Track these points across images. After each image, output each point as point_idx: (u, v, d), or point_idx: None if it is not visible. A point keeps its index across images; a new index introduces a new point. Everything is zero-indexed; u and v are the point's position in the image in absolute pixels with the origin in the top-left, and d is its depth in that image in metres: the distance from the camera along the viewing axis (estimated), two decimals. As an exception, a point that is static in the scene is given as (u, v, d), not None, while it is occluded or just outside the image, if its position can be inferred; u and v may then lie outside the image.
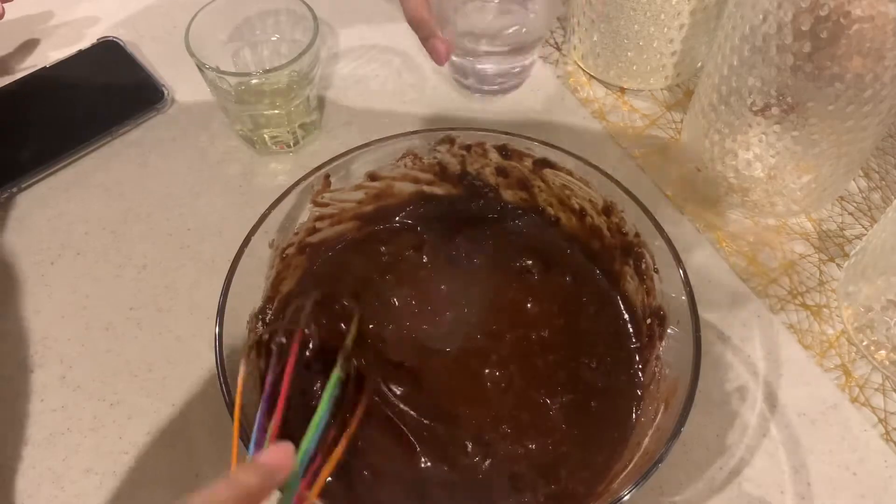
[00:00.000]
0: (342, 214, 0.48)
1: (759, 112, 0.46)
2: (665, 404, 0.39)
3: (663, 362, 0.42)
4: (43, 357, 0.49)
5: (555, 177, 0.46)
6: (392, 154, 0.47)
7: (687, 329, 0.39)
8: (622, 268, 0.46)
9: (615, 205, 0.44)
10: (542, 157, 0.46)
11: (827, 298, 0.51)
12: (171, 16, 0.68)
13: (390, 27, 0.65)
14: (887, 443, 0.45)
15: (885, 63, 0.40)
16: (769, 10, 0.41)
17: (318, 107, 0.59)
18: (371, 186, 0.48)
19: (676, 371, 0.39)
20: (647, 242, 0.43)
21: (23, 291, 0.51)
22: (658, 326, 0.43)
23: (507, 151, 0.47)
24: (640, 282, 0.45)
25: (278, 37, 0.57)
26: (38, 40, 0.66)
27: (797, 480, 0.44)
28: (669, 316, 0.42)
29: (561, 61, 0.64)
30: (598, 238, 0.47)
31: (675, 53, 0.58)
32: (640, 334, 0.44)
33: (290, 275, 0.47)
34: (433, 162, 0.48)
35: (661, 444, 0.35)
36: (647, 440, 0.38)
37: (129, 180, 0.57)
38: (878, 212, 0.55)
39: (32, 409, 0.46)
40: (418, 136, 0.47)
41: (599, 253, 0.47)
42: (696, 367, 0.37)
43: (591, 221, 0.46)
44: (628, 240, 0.44)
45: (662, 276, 0.43)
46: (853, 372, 0.48)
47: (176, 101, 0.62)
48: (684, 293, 0.40)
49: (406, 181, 0.49)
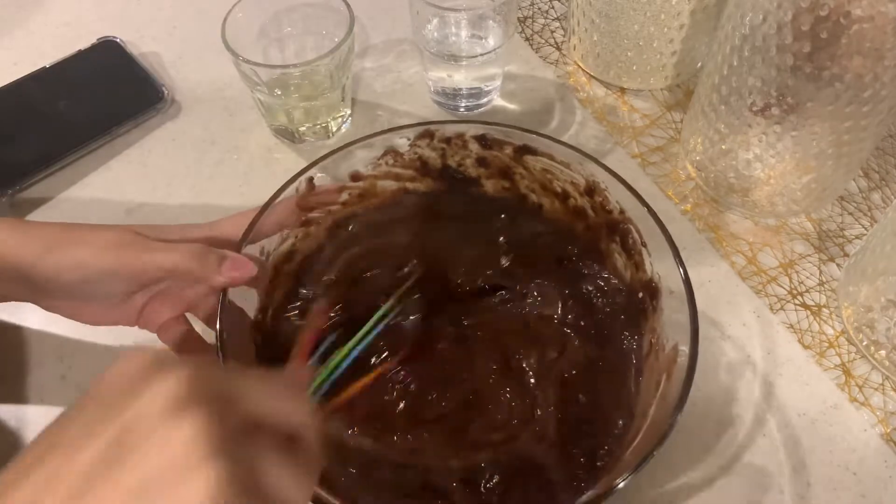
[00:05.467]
0: (327, 217, 0.48)
1: (759, 112, 0.46)
2: (667, 374, 0.39)
3: (659, 334, 0.42)
4: (43, 357, 0.49)
5: (536, 162, 0.46)
6: (374, 152, 0.47)
7: (681, 298, 0.39)
8: (609, 245, 0.46)
9: (598, 184, 0.44)
10: (522, 143, 0.46)
11: (827, 298, 0.51)
12: (171, 15, 0.68)
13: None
14: (887, 443, 0.45)
15: (885, 63, 0.40)
16: (769, 10, 0.41)
17: (349, 99, 0.60)
18: (354, 187, 0.48)
19: (674, 340, 0.39)
20: (633, 217, 0.43)
21: (23, 291, 0.51)
22: (651, 299, 0.43)
23: (486, 141, 0.47)
24: (627, 257, 0.45)
25: (305, 30, 0.58)
26: (39, 40, 0.66)
27: (797, 480, 0.44)
28: (661, 287, 0.42)
29: (561, 61, 0.64)
30: (583, 219, 0.47)
31: (675, 53, 0.58)
32: (633, 307, 0.44)
33: (282, 283, 0.46)
34: (413, 157, 0.48)
35: (668, 414, 0.35)
36: (653, 409, 0.38)
37: (129, 180, 0.57)
38: (878, 212, 0.55)
39: (32, 409, 0.46)
40: (397, 133, 0.46)
41: (584, 233, 0.47)
42: (695, 332, 0.37)
43: (574, 203, 0.47)
44: (613, 217, 0.44)
45: (651, 248, 0.42)
46: (853, 371, 0.48)
47: (176, 101, 0.62)
48: (675, 261, 0.40)
49: (388, 179, 0.49)
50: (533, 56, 0.65)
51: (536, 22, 0.67)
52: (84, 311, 0.41)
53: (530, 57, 0.65)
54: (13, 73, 0.62)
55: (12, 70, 0.62)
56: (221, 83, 0.62)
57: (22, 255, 0.37)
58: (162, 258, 0.38)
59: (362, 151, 0.46)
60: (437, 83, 0.60)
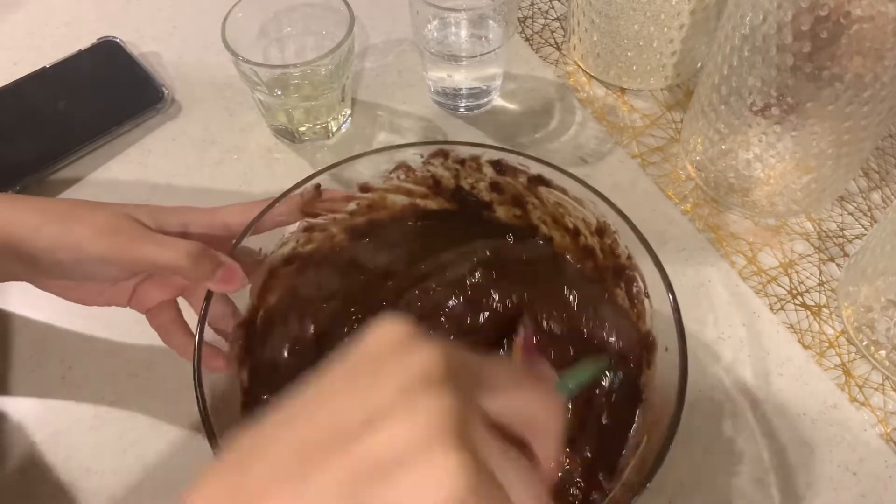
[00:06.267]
0: (333, 225, 0.47)
1: (759, 112, 0.46)
2: (648, 436, 0.38)
3: (650, 389, 0.41)
4: (43, 357, 0.49)
5: (549, 195, 0.45)
6: (385, 165, 0.46)
7: (675, 356, 0.37)
8: (614, 290, 0.45)
9: (608, 225, 0.43)
10: (537, 173, 0.45)
11: (827, 298, 0.51)
12: (171, 16, 0.68)
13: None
14: (887, 443, 0.45)
15: (885, 63, 0.40)
16: (769, 10, 0.41)
17: (349, 99, 0.60)
18: (363, 198, 0.47)
19: (661, 400, 0.38)
20: (639, 265, 0.42)
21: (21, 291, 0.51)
22: (646, 352, 0.42)
23: (501, 167, 0.46)
24: (630, 305, 0.43)
25: (304, 30, 0.58)
26: (39, 40, 0.66)
27: (797, 480, 0.44)
28: (658, 342, 0.41)
29: (561, 61, 0.64)
30: (592, 258, 0.46)
31: (675, 53, 0.58)
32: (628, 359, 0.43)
33: (277, 285, 0.45)
34: (426, 175, 0.47)
35: (634, 488, 0.34)
36: (629, 471, 0.37)
37: (129, 180, 0.57)
38: (878, 212, 0.55)
39: (33, 410, 0.46)
40: (412, 149, 0.46)
41: (592, 273, 0.46)
42: (680, 403, 0.35)
43: (584, 241, 0.46)
44: (621, 262, 0.43)
45: (653, 300, 0.41)
46: (853, 371, 0.48)
47: (176, 101, 0.62)
48: (674, 322, 0.38)
49: (399, 193, 0.48)
50: (533, 56, 0.65)
51: (536, 22, 0.67)
52: (76, 291, 0.42)
53: (530, 57, 0.65)
54: (13, 73, 0.62)
55: (12, 70, 0.62)
56: (221, 83, 0.62)
57: (18, 227, 0.37)
58: (155, 253, 0.38)
59: (371, 161, 0.46)
60: (437, 83, 0.60)
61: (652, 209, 0.55)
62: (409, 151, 0.46)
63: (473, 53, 0.56)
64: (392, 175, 0.47)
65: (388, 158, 0.46)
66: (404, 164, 0.46)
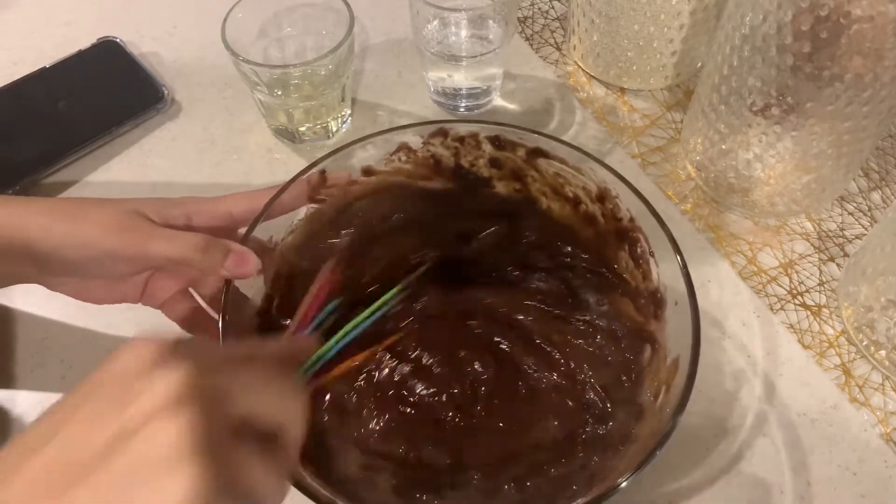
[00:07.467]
0: (340, 196, 0.48)
1: (759, 112, 0.46)
2: (666, 386, 0.39)
3: (661, 344, 0.42)
4: (43, 357, 0.49)
5: (548, 166, 0.46)
6: (386, 148, 0.47)
7: (685, 310, 0.39)
8: (617, 253, 0.46)
9: (609, 191, 0.44)
10: (535, 146, 0.46)
11: (827, 298, 0.51)
12: (171, 16, 0.68)
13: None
14: (887, 443, 0.45)
15: (885, 63, 0.40)
16: (769, 10, 0.41)
17: (349, 99, 0.60)
18: (366, 181, 0.48)
19: (675, 352, 0.39)
20: (642, 227, 0.43)
21: (22, 290, 0.51)
22: (655, 308, 0.43)
23: (499, 142, 0.47)
24: (635, 265, 0.44)
25: (305, 30, 0.58)
26: (38, 40, 0.66)
27: (797, 480, 0.44)
28: (667, 298, 0.42)
29: (561, 61, 0.64)
30: (593, 225, 0.47)
31: (675, 53, 0.58)
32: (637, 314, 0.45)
33: (289, 273, 0.46)
34: (427, 155, 0.48)
35: (665, 423, 0.35)
36: (654, 412, 0.38)
37: (129, 180, 0.57)
38: (878, 212, 0.55)
39: (33, 408, 0.46)
40: (412, 130, 0.47)
41: (593, 239, 0.47)
42: (696, 345, 0.37)
43: (584, 209, 0.47)
44: (623, 225, 0.44)
45: (658, 258, 0.42)
46: (853, 372, 0.48)
47: (176, 101, 0.62)
48: (681, 274, 0.39)
49: (401, 175, 0.49)
50: (533, 56, 0.65)
51: (536, 22, 0.67)
52: (88, 290, 0.42)
53: (530, 57, 0.65)
54: (13, 73, 0.61)
55: (12, 70, 0.62)
56: (221, 83, 0.62)
57: (28, 229, 0.37)
58: (164, 248, 0.38)
59: (372, 148, 0.46)
60: (437, 83, 0.60)
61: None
62: (409, 132, 0.46)
63: (473, 53, 0.56)
64: (393, 157, 0.47)
65: (388, 139, 0.46)
66: (405, 146, 0.47)
